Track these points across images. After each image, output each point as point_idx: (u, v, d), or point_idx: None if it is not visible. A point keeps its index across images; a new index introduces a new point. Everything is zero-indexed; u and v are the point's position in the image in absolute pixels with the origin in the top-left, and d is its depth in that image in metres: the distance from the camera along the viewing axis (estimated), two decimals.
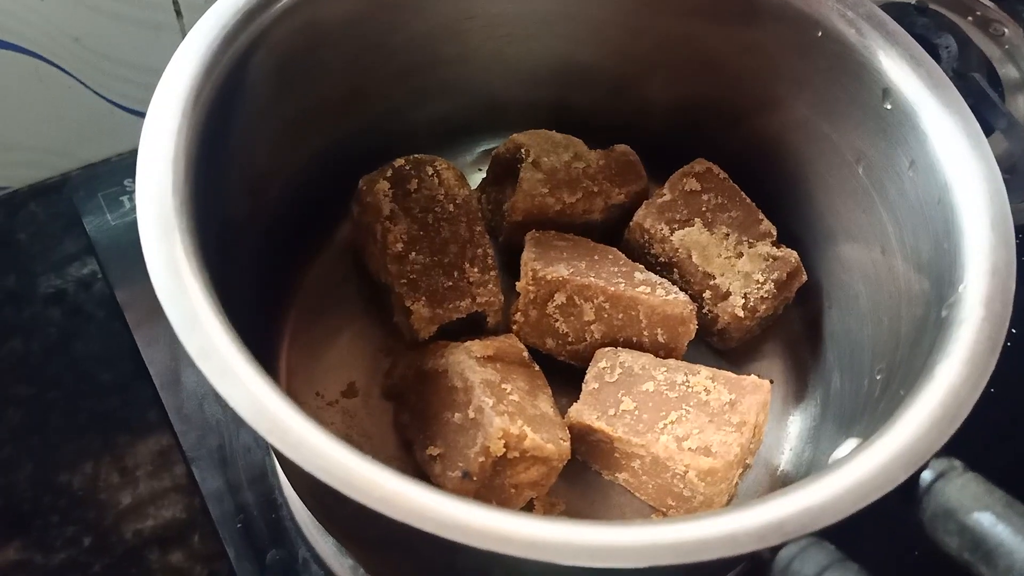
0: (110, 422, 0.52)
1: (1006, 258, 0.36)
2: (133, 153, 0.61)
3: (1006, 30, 0.67)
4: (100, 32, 0.56)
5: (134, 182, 0.58)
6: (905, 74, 0.41)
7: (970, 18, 0.67)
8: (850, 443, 0.34)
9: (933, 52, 0.42)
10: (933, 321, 0.36)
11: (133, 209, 0.56)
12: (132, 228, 0.56)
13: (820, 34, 0.44)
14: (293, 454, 0.28)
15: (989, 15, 0.67)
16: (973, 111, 0.40)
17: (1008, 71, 0.65)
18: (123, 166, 0.61)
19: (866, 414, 0.40)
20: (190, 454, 0.50)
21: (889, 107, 0.42)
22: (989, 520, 0.29)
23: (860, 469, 0.30)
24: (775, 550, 0.29)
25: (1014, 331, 0.34)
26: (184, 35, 0.36)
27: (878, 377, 0.41)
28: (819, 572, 0.28)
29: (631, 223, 0.50)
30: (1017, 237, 0.37)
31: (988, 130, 0.40)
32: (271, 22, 0.39)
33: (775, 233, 0.49)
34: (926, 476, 0.30)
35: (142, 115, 0.35)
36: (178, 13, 0.57)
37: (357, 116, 0.49)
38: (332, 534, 0.45)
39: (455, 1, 0.47)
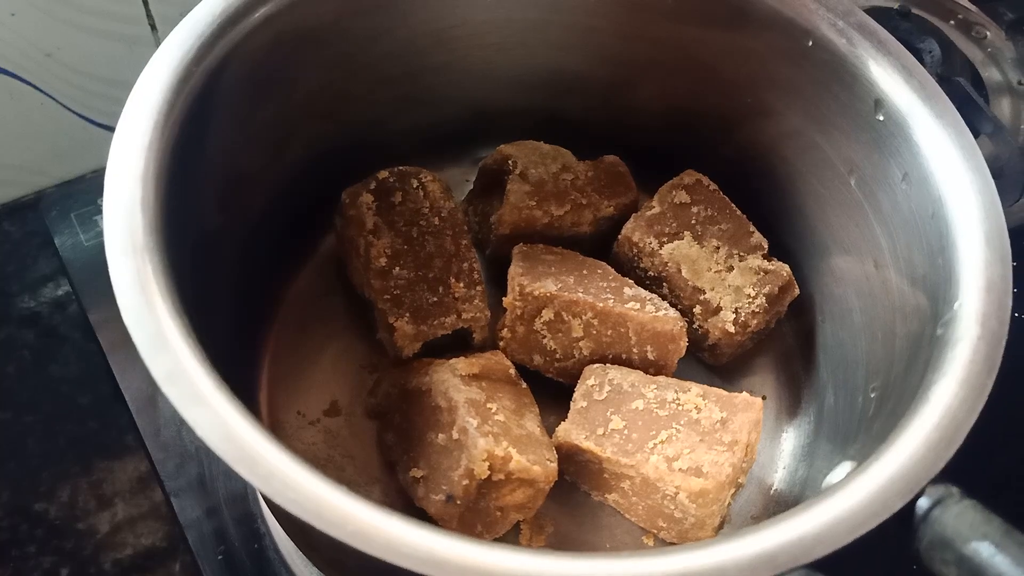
0: (87, 446, 0.51)
1: (1002, 274, 0.35)
2: None
3: (988, 33, 0.67)
4: (73, 47, 0.55)
5: None
6: (897, 85, 0.41)
7: (952, 22, 0.67)
8: (844, 467, 0.33)
9: (916, 57, 0.41)
10: (928, 338, 0.35)
11: None
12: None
13: (811, 43, 0.43)
14: (264, 486, 0.27)
15: (971, 18, 0.67)
16: (962, 119, 0.39)
17: (991, 74, 0.65)
18: (97, 184, 0.58)
19: (861, 433, 0.39)
20: (168, 483, 0.48)
21: (881, 118, 0.41)
22: (988, 550, 0.28)
23: (854, 496, 0.29)
24: None
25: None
26: None
27: (872, 395, 0.40)
28: None
29: (619, 236, 0.49)
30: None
31: (974, 134, 0.39)
32: (247, 32, 0.38)
33: (766, 246, 0.48)
34: (922, 503, 0.29)
35: None
36: (152, 27, 0.55)
37: (340, 125, 0.48)
38: (315, 563, 0.44)
39: (440, 9, 0.46)
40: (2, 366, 0.54)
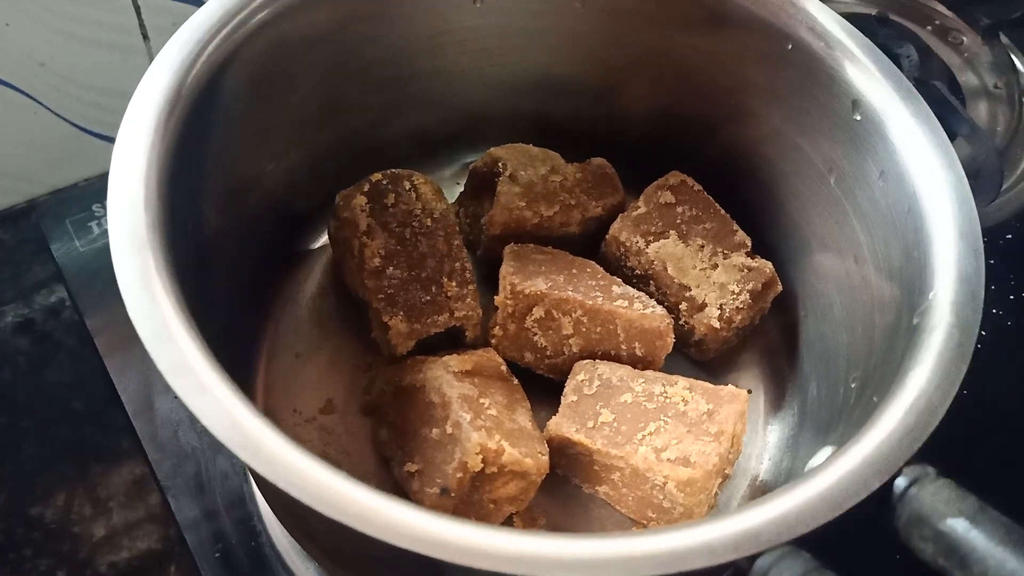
0: (83, 451, 0.51)
1: (975, 266, 0.36)
2: (101, 178, 0.61)
3: (964, 38, 0.68)
4: (66, 57, 0.55)
5: (103, 207, 0.58)
6: (873, 85, 0.42)
7: (929, 27, 0.69)
8: (825, 451, 0.34)
9: (895, 61, 0.43)
10: (905, 328, 0.37)
11: (102, 235, 0.57)
12: (101, 254, 0.56)
13: (790, 47, 0.45)
14: (266, 471, 0.28)
15: (948, 24, 0.69)
16: (936, 118, 0.41)
17: (968, 78, 0.67)
18: (91, 191, 0.60)
19: (842, 422, 0.41)
20: (165, 483, 0.49)
21: (859, 118, 0.43)
22: (963, 526, 0.29)
23: (834, 476, 0.30)
24: (752, 559, 0.29)
25: (983, 332, 0.34)
26: (151, 58, 0.35)
27: (853, 385, 0.41)
28: None
29: (607, 236, 0.50)
30: (984, 240, 0.37)
31: (951, 136, 0.41)
32: (244, 37, 0.39)
33: (750, 244, 0.49)
34: (900, 483, 0.31)
35: (109, 139, 0.35)
36: (145, 36, 0.56)
37: (334, 129, 0.49)
38: (311, 554, 0.44)
39: (430, 15, 0.48)
40: None
